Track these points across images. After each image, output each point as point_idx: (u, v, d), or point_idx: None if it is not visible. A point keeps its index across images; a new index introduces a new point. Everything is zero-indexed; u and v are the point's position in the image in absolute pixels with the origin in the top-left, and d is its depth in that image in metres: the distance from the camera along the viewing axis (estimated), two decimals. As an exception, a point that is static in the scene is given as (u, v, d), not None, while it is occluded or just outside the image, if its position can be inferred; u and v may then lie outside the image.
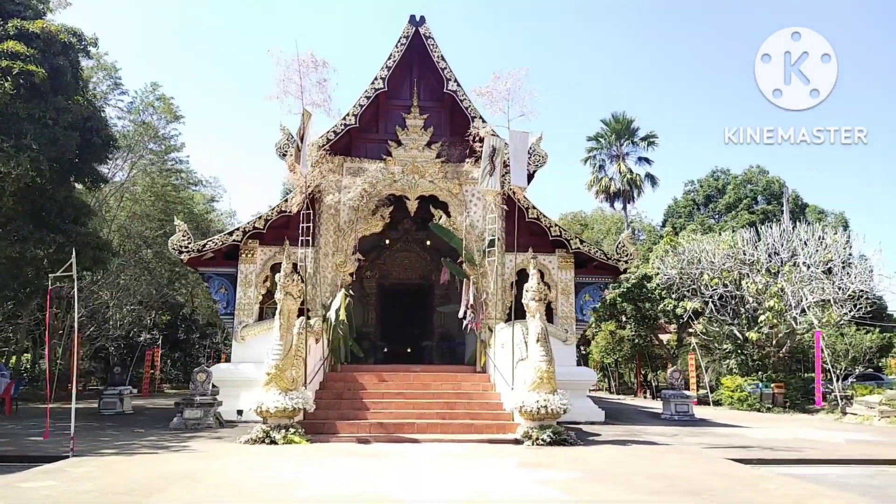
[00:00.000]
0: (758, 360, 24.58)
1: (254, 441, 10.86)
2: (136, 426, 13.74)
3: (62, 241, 16.64)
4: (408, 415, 12.72)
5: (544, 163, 16.15)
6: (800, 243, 23.01)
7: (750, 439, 12.84)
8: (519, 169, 12.09)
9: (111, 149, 18.34)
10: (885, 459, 10.21)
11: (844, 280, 22.65)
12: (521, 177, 12.25)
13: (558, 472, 8.38)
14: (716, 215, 36.01)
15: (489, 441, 11.44)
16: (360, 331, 22.28)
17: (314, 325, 13.81)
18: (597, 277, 16.49)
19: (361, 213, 16.02)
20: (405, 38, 16.18)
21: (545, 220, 15.93)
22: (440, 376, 14.74)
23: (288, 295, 11.53)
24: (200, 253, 15.11)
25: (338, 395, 13.64)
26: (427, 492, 6.91)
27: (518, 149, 12.06)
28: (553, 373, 11.82)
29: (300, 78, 11.39)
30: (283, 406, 11.03)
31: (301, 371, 12.11)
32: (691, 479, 8.06)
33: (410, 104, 16.70)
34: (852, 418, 18.65)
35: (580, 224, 48.24)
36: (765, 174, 35.79)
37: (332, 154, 16.05)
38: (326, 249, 15.80)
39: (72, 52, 16.59)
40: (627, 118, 39.68)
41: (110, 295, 28.68)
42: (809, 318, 24.81)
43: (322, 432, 11.80)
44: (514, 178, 12.11)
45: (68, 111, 15.93)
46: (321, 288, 15.60)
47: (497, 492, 6.99)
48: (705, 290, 24.09)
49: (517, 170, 12.07)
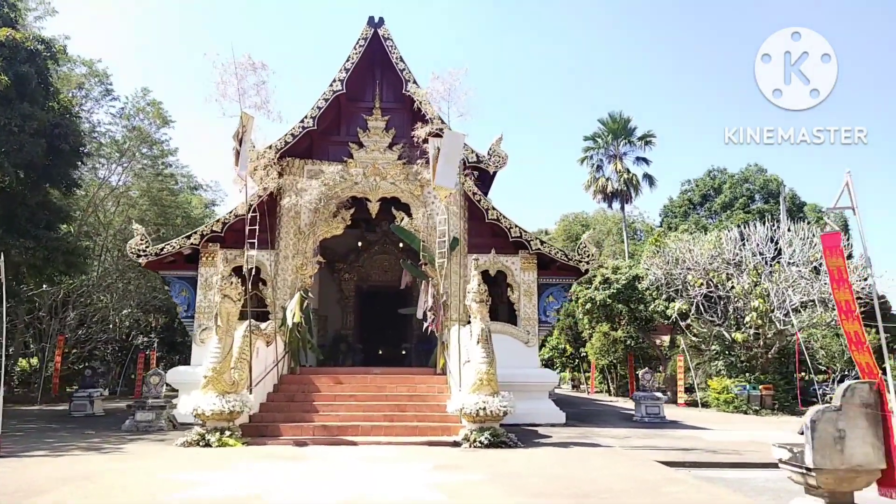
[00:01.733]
0: (745, 361, 24.16)
1: (189, 444, 10.88)
2: (94, 428, 13.84)
3: (32, 246, 16.87)
4: (355, 417, 12.67)
5: (504, 164, 16.03)
6: (784, 243, 22.58)
7: (703, 442, 12.61)
8: (448, 170, 11.99)
9: (80, 155, 18.47)
10: None
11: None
12: (449, 178, 12.16)
13: (466, 474, 8.28)
14: (712, 215, 35.50)
15: (429, 443, 11.35)
16: (338, 333, 22.36)
17: (266, 328, 13.83)
18: (560, 279, 16.32)
19: (322, 215, 16.02)
20: (364, 40, 16.16)
21: (505, 221, 15.80)
22: (397, 379, 14.67)
23: (226, 298, 11.55)
24: (159, 256, 15.20)
25: (289, 398, 13.64)
26: (306, 494, 6.85)
27: (451, 150, 11.96)
28: (494, 374, 11.71)
29: (237, 81, 11.40)
30: (220, 409, 11.03)
31: (245, 374, 12.12)
32: (596, 481, 7.92)
33: (373, 106, 16.68)
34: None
35: (581, 225, 47.92)
36: (763, 173, 35.21)
37: (292, 157, 16.11)
38: (286, 252, 15.81)
39: (39, 59, 16.82)
40: (625, 117, 39.34)
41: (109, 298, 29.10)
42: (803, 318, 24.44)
43: (265, 435, 11.81)
44: (441, 178, 12.01)
45: (34, 118, 16.16)
46: (281, 291, 15.61)
47: (376, 495, 6.91)
48: (690, 291, 23.78)
49: (446, 171, 11.97)
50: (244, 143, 11.60)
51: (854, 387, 5.30)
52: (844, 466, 5.10)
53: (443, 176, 11.87)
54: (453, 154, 12.06)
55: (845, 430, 5.13)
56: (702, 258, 24.06)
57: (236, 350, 12.31)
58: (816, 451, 5.13)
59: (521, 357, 15.62)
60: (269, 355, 13.76)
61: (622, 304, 30.36)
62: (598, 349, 34.37)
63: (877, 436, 5.16)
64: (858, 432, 5.13)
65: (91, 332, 27.75)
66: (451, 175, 12.24)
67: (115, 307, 29.51)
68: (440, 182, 12.04)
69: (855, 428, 5.14)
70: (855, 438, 5.12)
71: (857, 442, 5.12)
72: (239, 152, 11.52)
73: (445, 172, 11.91)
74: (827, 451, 5.11)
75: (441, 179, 11.94)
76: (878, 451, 5.14)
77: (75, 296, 25.09)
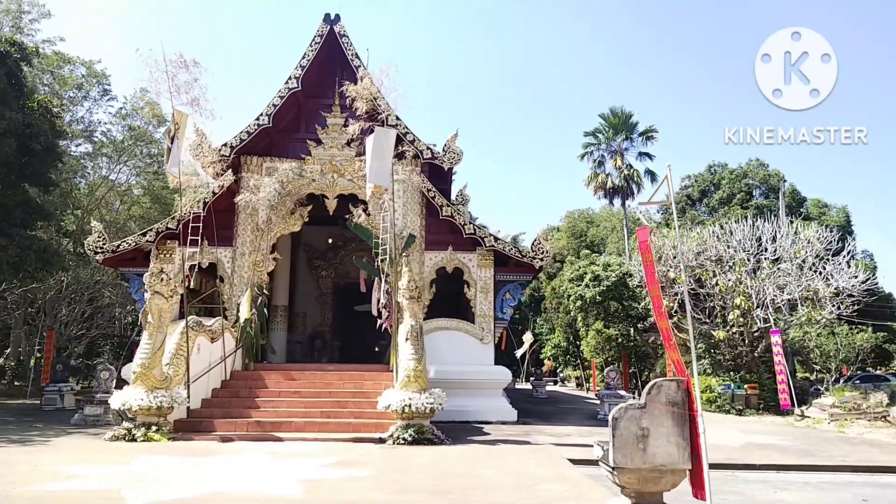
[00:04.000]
0: (730, 360, 23.69)
1: (116, 438, 11.02)
2: (47, 421, 14.14)
3: (4, 244, 17.24)
4: (293, 414, 12.71)
5: (459, 160, 15.95)
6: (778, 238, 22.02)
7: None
8: (380, 167, 11.95)
9: (55, 154, 18.82)
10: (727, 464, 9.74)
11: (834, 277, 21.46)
12: (383, 175, 12.10)
13: (356, 470, 8.26)
14: (710, 211, 34.83)
15: (354, 440, 11.34)
16: (315, 329, 22.47)
17: (213, 324, 13.96)
18: (517, 275, 16.18)
19: (279, 212, 16.11)
20: (319, 37, 16.21)
21: (459, 217, 15.73)
22: (347, 376, 14.68)
23: (156, 294, 11.65)
24: (115, 253, 15.45)
25: (234, 394, 13.75)
26: (169, 490, 6.89)
27: (382, 147, 11.93)
28: (422, 371, 11.66)
29: (168, 79, 11.52)
30: (147, 405, 11.15)
31: (181, 370, 12.24)
32: (482, 477, 7.88)
33: (332, 103, 16.69)
34: (809, 420, 17.78)
35: (587, 221, 47.50)
36: (763, 167, 34.42)
37: (250, 154, 16.23)
38: (243, 249, 15.93)
39: (9, 60, 17.17)
40: (626, 112, 38.82)
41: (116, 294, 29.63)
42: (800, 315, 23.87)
43: (199, 430, 11.90)
44: (375, 176, 11.97)
45: (2, 118, 16.52)
46: (238, 287, 15.74)
47: (237, 490, 6.93)
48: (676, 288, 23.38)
49: (378, 168, 11.93)
50: (176, 141, 11.71)
51: (661, 384, 5.14)
52: (647, 466, 4.94)
53: (376, 173, 11.84)
54: (385, 151, 12.03)
55: (649, 429, 4.97)
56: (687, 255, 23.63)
57: (173, 346, 12.47)
58: (617, 450, 4.99)
59: (476, 354, 15.55)
60: (214, 351, 13.89)
61: (615, 301, 30.04)
62: (594, 347, 34.09)
63: (682, 435, 4.99)
64: (663, 431, 4.97)
65: (88, 327, 28.36)
66: (385, 172, 12.20)
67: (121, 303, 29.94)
68: (374, 180, 12.02)
69: (659, 427, 4.98)
70: (659, 437, 4.96)
71: (662, 441, 4.95)
72: (170, 150, 11.62)
73: (378, 170, 11.88)
74: (628, 450, 4.96)
75: (375, 177, 11.91)
76: (683, 451, 4.97)
77: (68, 292, 25.66)
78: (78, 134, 28.66)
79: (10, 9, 25.60)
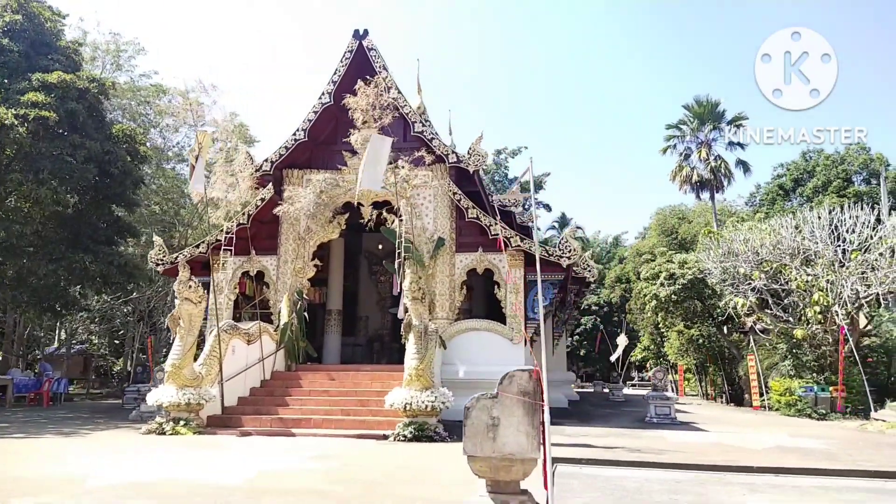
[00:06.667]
0: (814, 360, 21.99)
1: (149, 432, 12.15)
2: (112, 418, 15.71)
3: (90, 261, 19.29)
4: (316, 411, 13.37)
5: (484, 162, 16.13)
6: (845, 229, 20.30)
7: (664, 442, 11.93)
8: (374, 173, 12.34)
9: (134, 177, 20.78)
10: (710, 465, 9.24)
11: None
12: (375, 180, 12.50)
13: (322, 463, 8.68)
14: (804, 201, 32.35)
15: (359, 436, 11.78)
16: (375, 333, 23.22)
17: (250, 328, 14.94)
18: (548, 275, 16.00)
19: (318, 221, 16.94)
20: (349, 52, 16.91)
21: (485, 219, 15.83)
22: (378, 376, 15.19)
23: (186, 300, 12.71)
24: (174, 264, 16.85)
25: (269, 393, 14.63)
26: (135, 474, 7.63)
27: (378, 152, 12.32)
28: (425, 370, 11.93)
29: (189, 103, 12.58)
30: (177, 401, 12.21)
31: (213, 370, 13.27)
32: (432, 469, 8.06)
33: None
34: (882, 425, 16.25)
35: (678, 217, 45.46)
36: (865, 151, 31.51)
37: (291, 168, 17.20)
38: (286, 257, 16.89)
39: (89, 95, 19.22)
40: (712, 101, 36.90)
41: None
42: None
43: (228, 426, 12.82)
44: (367, 182, 12.37)
45: (83, 147, 18.53)
46: (282, 293, 16.69)
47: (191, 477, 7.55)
48: (753, 284, 22.07)
49: (372, 172, 12.32)
50: (200, 160, 12.73)
51: (513, 374, 5.13)
52: (497, 454, 4.96)
53: (368, 179, 12.29)
54: (381, 157, 12.44)
55: (500, 418, 5.00)
56: (762, 249, 22.25)
57: (207, 347, 13.54)
58: (468, 439, 5.04)
59: (506, 355, 15.50)
60: (252, 353, 14.85)
61: (696, 300, 28.66)
62: (677, 349, 32.70)
63: (532, 425, 4.97)
64: (513, 420, 4.97)
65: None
66: (378, 177, 12.62)
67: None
68: (365, 185, 12.48)
69: (510, 416, 4.98)
70: (509, 427, 4.96)
71: (511, 430, 4.95)
72: (194, 168, 12.65)
73: (371, 175, 12.31)
74: (479, 439, 5.00)
75: (366, 182, 12.36)
76: (532, 441, 4.94)
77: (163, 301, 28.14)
78: (173, 157, 31.28)
79: (109, 49, 28.52)
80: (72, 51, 20.71)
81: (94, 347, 33.79)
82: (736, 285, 22.67)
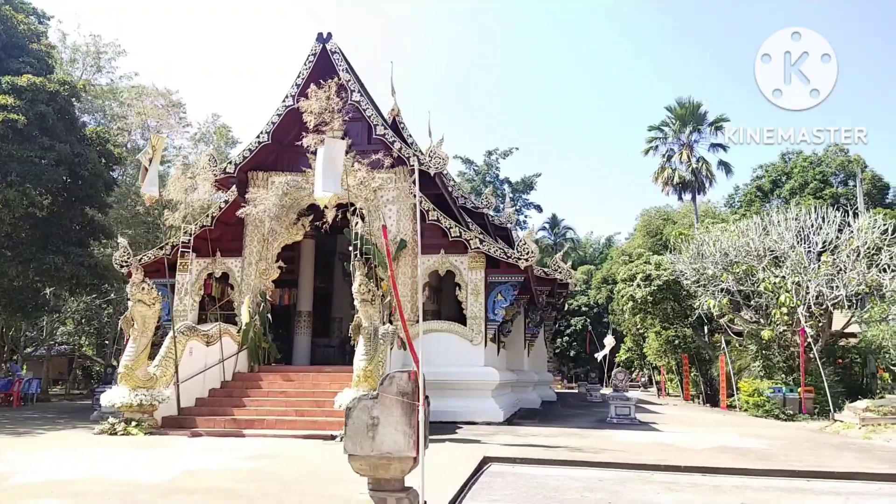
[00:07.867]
0: (783, 361, 22.15)
1: (102, 432, 12.29)
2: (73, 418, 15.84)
3: (61, 262, 19.41)
4: (271, 412, 13.51)
5: (446, 164, 16.27)
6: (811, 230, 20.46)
7: (610, 442, 12.08)
8: (330, 178, 12.49)
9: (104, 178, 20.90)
10: (640, 464, 9.39)
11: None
12: (330, 185, 12.64)
13: (252, 462, 8.83)
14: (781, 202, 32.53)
15: (308, 437, 11.88)
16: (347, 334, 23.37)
17: (209, 330, 15.07)
18: (508, 276, 16.15)
19: (282, 223, 17.09)
20: (313, 56, 17.06)
21: (445, 221, 15.99)
22: (337, 377, 15.25)
23: (139, 302, 12.84)
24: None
25: (228, 394, 14.75)
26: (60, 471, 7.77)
27: (332, 157, 12.47)
28: (372, 371, 12.08)
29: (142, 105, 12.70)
30: (129, 402, 12.36)
31: (170, 371, 13.40)
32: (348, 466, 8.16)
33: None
34: (839, 426, 16.40)
35: (663, 219, 45.68)
36: (843, 153, 31.70)
37: (256, 170, 17.34)
38: (251, 258, 17.04)
39: (59, 98, 19.34)
40: (694, 103, 37.19)
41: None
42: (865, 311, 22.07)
43: (182, 426, 12.93)
44: (326, 185, 12.52)
45: (53, 150, 18.66)
46: (246, 294, 16.82)
47: (116, 476, 7.70)
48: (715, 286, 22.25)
49: (329, 177, 12.48)
50: (154, 162, 12.86)
51: (393, 375, 5.28)
52: (375, 453, 5.12)
53: (325, 184, 12.43)
54: (336, 161, 12.59)
55: (379, 418, 5.15)
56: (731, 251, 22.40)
57: (163, 349, 13.66)
58: (349, 438, 5.20)
59: (466, 356, 15.72)
60: (211, 354, 14.98)
61: (673, 301, 28.80)
62: (656, 350, 32.87)
63: (410, 424, 5.12)
64: (392, 420, 5.12)
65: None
66: (334, 182, 12.76)
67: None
68: (320, 191, 12.61)
69: (389, 416, 5.13)
70: (388, 426, 5.12)
71: (390, 430, 5.11)
72: (146, 170, 12.78)
73: (327, 180, 12.46)
74: (359, 438, 5.16)
75: (323, 187, 12.50)
76: (409, 440, 5.10)
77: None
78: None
79: (89, 50, 28.64)
80: (45, 53, 20.82)
81: (81, 348, 33.94)
82: (706, 286, 22.83)
